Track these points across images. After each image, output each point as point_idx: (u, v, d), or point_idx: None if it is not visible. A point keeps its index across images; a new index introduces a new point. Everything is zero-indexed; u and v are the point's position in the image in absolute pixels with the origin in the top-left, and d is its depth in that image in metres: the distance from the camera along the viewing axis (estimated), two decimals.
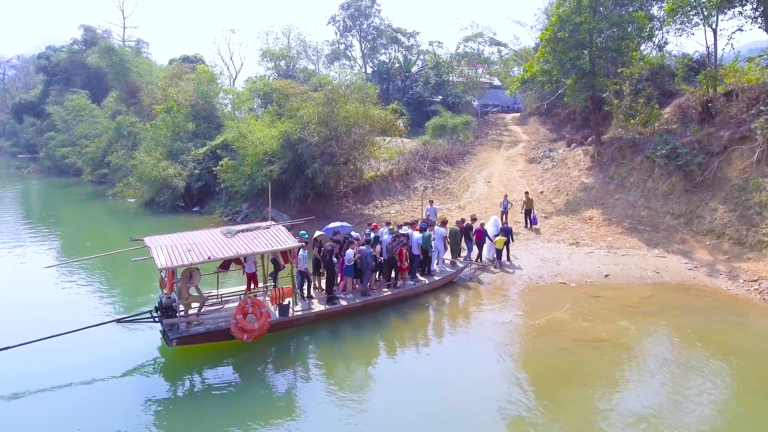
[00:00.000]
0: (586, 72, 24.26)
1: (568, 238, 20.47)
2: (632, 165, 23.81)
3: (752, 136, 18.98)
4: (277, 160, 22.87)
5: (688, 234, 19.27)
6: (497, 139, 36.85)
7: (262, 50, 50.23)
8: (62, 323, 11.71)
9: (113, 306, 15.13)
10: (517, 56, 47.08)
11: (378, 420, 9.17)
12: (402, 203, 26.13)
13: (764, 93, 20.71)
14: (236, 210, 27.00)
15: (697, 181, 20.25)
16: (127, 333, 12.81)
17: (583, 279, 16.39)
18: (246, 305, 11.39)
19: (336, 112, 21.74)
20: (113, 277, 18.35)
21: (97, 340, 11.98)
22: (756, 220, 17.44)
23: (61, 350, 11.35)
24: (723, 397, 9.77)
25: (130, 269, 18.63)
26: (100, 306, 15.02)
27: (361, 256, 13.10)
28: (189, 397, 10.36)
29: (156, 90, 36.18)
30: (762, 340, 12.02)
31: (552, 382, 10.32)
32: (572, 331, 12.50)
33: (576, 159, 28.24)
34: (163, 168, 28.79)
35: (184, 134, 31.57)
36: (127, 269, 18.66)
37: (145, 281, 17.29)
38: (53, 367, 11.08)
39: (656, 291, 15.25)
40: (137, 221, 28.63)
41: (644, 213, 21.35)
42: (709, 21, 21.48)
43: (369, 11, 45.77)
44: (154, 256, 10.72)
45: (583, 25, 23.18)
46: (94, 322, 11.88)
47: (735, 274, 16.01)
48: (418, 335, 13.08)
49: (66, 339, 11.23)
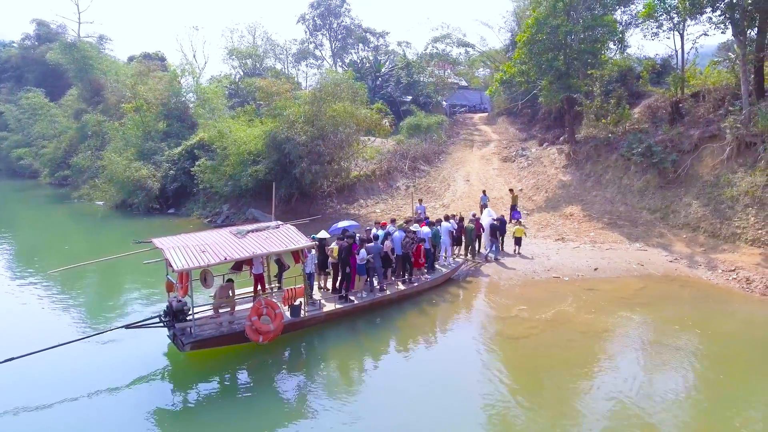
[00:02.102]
0: (562, 73, 25.09)
1: (553, 234, 21.14)
2: (607, 163, 24.82)
3: (722, 135, 20.15)
4: (262, 160, 22.49)
5: (665, 228, 20.27)
6: (469, 139, 37.50)
7: (228, 48, 49.18)
8: (64, 332, 11.18)
9: (117, 312, 14.53)
10: (484, 57, 48.06)
11: (398, 418, 9.18)
12: (386, 202, 26.26)
13: (729, 94, 22.06)
14: (216, 211, 26.37)
15: (670, 177, 21.34)
16: (133, 339, 12.32)
17: (574, 273, 16.97)
18: (260, 306, 11.20)
19: (324, 110, 21.58)
20: (111, 282, 17.71)
21: (102, 347, 11.52)
22: (729, 214, 18.55)
23: (67, 360, 10.85)
24: (736, 381, 10.34)
25: (128, 273, 18.05)
26: (103, 313, 14.48)
27: (372, 253, 13.15)
28: (202, 404, 10.03)
29: (122, 88, 34.75)
30: (751, 327, 12.88)
31: (568, 373, 10.66)
32: (578, 323, 12.96)
33: (551, 157, 29.15)
34: (135, 169, 27.75)
35: (155, 134, 30.52)
36: (125, 273, 18.06)
37: (146, 285, 16.81)
38: (61, 377, 10.58)
39: (646, 283, 15.99)
40: (109, 225, 27.48)
41: (622, 209, 22.30)
42: (678, 27, 22.64)
43: (339, 10, 45.62)
44: (169, 257, 10.38)
45: (560, 27, 23.96)
46: (100, 329, 11.38)
47: (713, 265, 16.96)
48: (429, 332, 13.24)
49: (70, 348, 10.72)
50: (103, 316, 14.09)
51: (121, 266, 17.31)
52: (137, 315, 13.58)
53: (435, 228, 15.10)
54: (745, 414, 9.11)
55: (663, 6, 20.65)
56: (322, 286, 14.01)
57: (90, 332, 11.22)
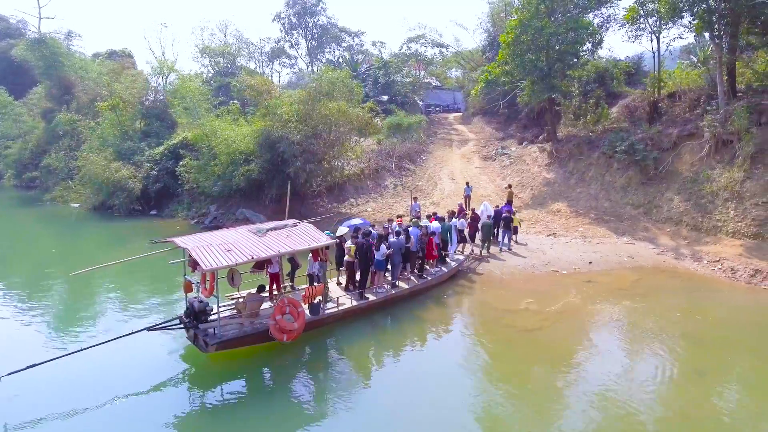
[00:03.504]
0: (545, 74, 25.84)
1: (544, 229, 21.79)
2: (590, 160, 25.73)
3: (700, 133, 21.26)
4: (254, 160, 22.23)
5: (649, 222, 21.22)
6: (447, 138, 38.07)
7: (200, 46, 48.23)
8: (82, 337, 10.86)
9: (134, 315, 14.13)
10: (458, 57, 48.83)
11: (421, 415, 9.35)
12: (376, 201, 26.40)
13: (704, 95, 23.30)
14: (202, 212, 25.87)
15: (651, 174, 22.35)
16: (146, 342, 12.04)
17: (571, 267, 17.59)
18: (284, 305, 11.17)
19: (317, 109, 21.52)
20: (122, 284, 17.16)
21: (120, 351, 11.20)
22: (709, 208, 19.59)
23: (87, 365, 10.56)
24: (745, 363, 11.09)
25: (137, 275, 17.60)
26: (119, 316, 14.09)
27: (393, 249, 13.32)
28: (227, 406, 9.89)
29: (95, 86, 33.50)
30: (745, 313, 13.75)
31: (591, 361, 11.12)
32: (587, 314, 13.52)
33: (533, 156, 29.94)
34: (115, 169, 26.89)
35: (133, 133, 29.64)
36: (134, 275, 17.59)
37: (156, 286, 16.63)
38: (82, 383, 10.29)
39: (639, 275, 16.74)
40: (87, 227, 26.53)
41: (606, 204, 23.19)
42: (655, 30, 23.74)
43: (315, 9, 45.39)
44: (197, 257, 10.21)
45: (544, 29, 24.67)
46: (120, 333, 11.08)
47: (698, 257, 17.91)
48: (446, 326, 13.52)
49: (90, 353, 10.44)
50: (119, 319, 13.71)
51: (131, 267, 16.84)
52: (154, 317, 13.34)
53: (445, 223, 15.46)
54: None
55: (645, 10, 21.58)
56: (341, 282, 14.07)
57: (109, 336, 10.89)
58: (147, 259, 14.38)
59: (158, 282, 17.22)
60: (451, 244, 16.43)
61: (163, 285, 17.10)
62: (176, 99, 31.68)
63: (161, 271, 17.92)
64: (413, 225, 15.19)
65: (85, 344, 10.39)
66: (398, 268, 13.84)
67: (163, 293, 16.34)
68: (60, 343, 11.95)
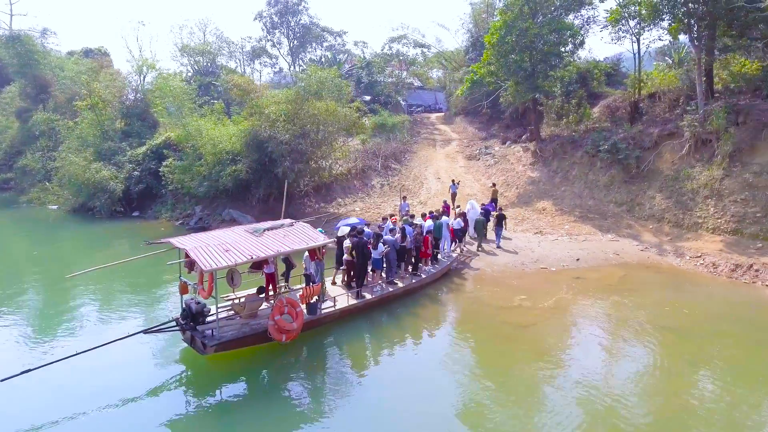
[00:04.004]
0: (529, 74, 26.21)
1: (530, 227, 22.11)
2: (573, 159, 26.21)
3: (680, 133, 21.85)
4: (241, 159, 22.01)
5: (632, 220, 21.73)
6: (430, 138, 38.27)
7: (180, 45, 47.43)
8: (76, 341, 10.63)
9: (128, 318, 13.87)
10: (440, 57, 49.14)
11: (422, 411, 9.43)
12: (363, 201, 26.41)
13: (683, 95, 23.96)
14: (187, 213, 25.51)
15: (633, 173, 22.88)
16: (142, 345, 11.85)
17: (559, 264, 17.91)
18: (282, 305, 11.12)
19: (305, 109, 21.43)
20: (111, 287, 16.80)
21: (115, 354, 11.00)
22: (690, 205, 20.16)
23: (83, 369, 10.34)
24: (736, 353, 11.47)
25: (127, 277, 17.24)
26: (112, 319, 13.86)
27: (389, 247, 13.37)
28: (226, 408, 9.72)
29: (72, 85, 32.66)
30: (728, 306, 14.20)
31: (585, 355, 11.35)
32: (579, 309, 13.82)
33: (517, 155, 30.35)
34: (96, 170, 26.30)
35: (113, 133, 29.03)
36: (124, 277, 17.24)
37: (146, 288, 16.38)
38: (78, 388, 10.08)
39: (626, 271, 17.14)
40: (67, 230, 25.88)
41: (590, 203, 23.66)
42: (636, 32, 24.31)
43: (297, 8, 45.11)
44: (196, 257, 10.08)
45: (528, 30, 25.03)
46: (115, 336, 10.87)
47: (681, 252, 18.42)
48: (442, 323, 13.68)
49: (84, 357, 10.21)
50: (112, 323, 13.46)
51: (119, 270, 16.49)
52: (149, 320, 13.15)
53: (438, 222, 15.59)
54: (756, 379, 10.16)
55: (627, 12, 22.09)
56: (344, 280, 14.08)
57: (104, 340, 10.66)
58: (134, 261, 14.10)
59: (147, 284, 16.95)
60: (442, 242, 16.57)
61: (152, 287, 16.87)
62: (157, 98, 31.16)
63: (148, 273, 17.67)
64: (405, 223, 15.27)
65: (79, 348, 10.14)
66: (394, 266, 13.92)
67: (153, 295, 16.12)
68: (54, 348, 11.67)
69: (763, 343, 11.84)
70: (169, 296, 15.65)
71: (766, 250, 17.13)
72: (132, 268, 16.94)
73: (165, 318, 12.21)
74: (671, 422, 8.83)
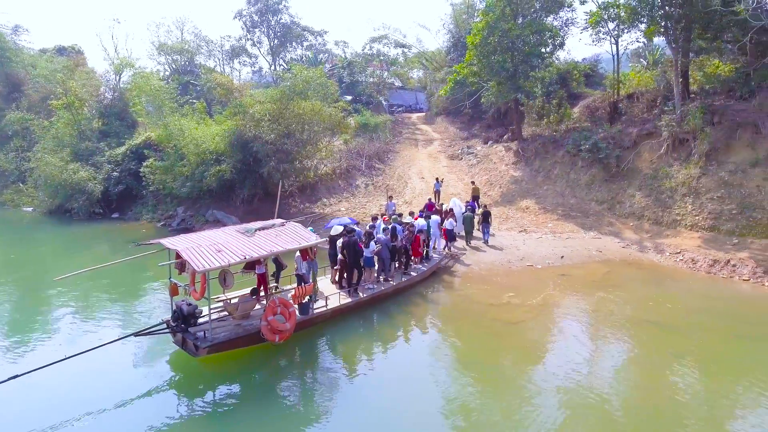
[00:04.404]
0: (511, 74, 26.55)
1: (515, 226, 22.40)
2: (555, 159, 26.65)
3: (658, 132, 22.41)
4: (225, 160, 21.76)
5: (613, 217, 22.20)
6: (412, 138, 38.45)
7: (157, 44, 46.62)
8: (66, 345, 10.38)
9: (115, 321, 13.62)
10: (421, 57, 49.41)
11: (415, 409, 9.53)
12: (348, 201, 26.38)
13: (660, 96, 24.58)
14: (169, 214, 25.09)
15: (614, 171, 23.38)
16: (133, 347, 11.65)
17: (544, 261, 18.19)
18: (275, 306, 11.06)
19: (290, 108, 21.29)
20: (95, 290, 16.41)
21: (104, 358, 10.79)
22: (669, 203, 20.70)
23: (72, 374, 10.12)
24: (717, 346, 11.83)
25: (113, 280, 16.88)
26: (98, 323, 13.55)
27: (381, 245, 13.41)
28: (219, 412, 9.63)
29: (47, 83, 31.76)
30: (708, 300, 14.63)
31: (575, 350, 11.57)
32: (567, 306, 14.08)
33: (499, 155, 30.70)
34: (73, 171, 25.67)
35: (91, 133, 28.37)
36: (110, 280, 16.85)
37: (132, 291, 16.05)
38: (67, 394, 9.84)
39: (609, 267, 17.52)
40: (45, 233, 25.22)
41: (572, 201, 24.08)
42: (617, 35, 24.88)
43: (277, 7, 44.75)
44: (188, 258, 9.95)
45: (511, 31, 25.36)
46: (102, 340, 10.66)
47: (661, 249, 18.90)
48: (433, 321, 13.75)
49: (73, 361, 10.00)
50: (100, 327, 13.17)
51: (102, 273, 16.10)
52: (137, 323, 12.93)
53: (428, 220, 15.73)
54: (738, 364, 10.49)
55: (607, 14, 22.58)
56: (334, 280, 14.05)
57: (93, 344, 10.45)
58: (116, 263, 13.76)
59: (131, 287, 16.68)
60: (432, 239, 16.72)
61: (137, 290, 16.60)
62: (136, 97, 30.56)
63: (131, 275, 17.38)
64: (395, 222, 15.34)
65: (68, 353, 9.92)
66: (388, 264, 13.98)
67: (139, 298, 15.87)
68: (41, 353, 11.38)
69: (744, 336, 12.25)
70: (157, 298, 15.42)
71: (742, 245, 17.70)
72: (115, 271, 16.56)
73: (154, 321, 12.03)
74: (663, 412, 9.08)
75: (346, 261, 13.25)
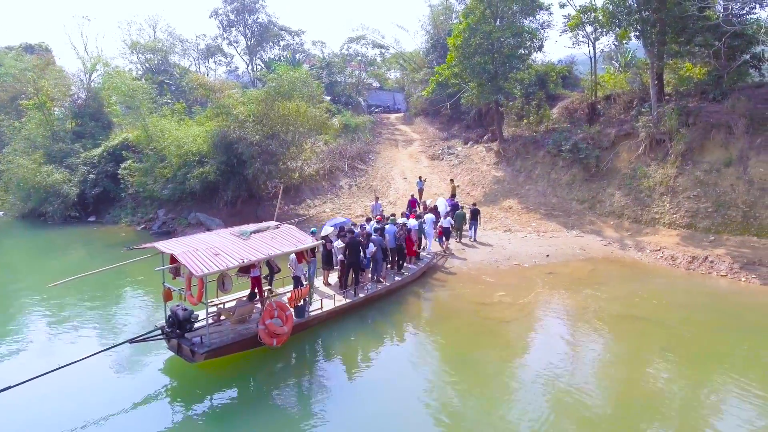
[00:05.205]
0: (492, 75, 26.88)
1: (499, 225, 22.72)
2: (536, 159, 27.12)
3: (635, 133, 23.05)
4: (208, 161, 21.41)
5: (594, 216, 22.73)
6: (392, 138, 38.51)
7: (129, 42, 45.56)
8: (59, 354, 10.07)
9: (105, 329, 13.24)
10: (399, 57, 49.53)
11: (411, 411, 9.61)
12: (333, 202, 26.28)
13: (636, 98, 25.27)
14: (150, 217, 24.54)
15: (593, 171, 23.94)
16: (125, 354, 11.37)
17: (531, 260, 18.51)
18: (272, 309, 10.97)
19: (275, 109, 21.07)
20: (81, 297, 15.87)
21: (98, 366, 10.52)
22: (647, 202, 21.32)
23: (66, 383, 9.82)
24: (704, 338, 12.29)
25: (96, 286, 16.35)
26: (92, 330, 13.27)
27: (377, 247, 13.44)
28: (217, 419, 9.49)
29: (15, 82, 30.64)
30: (691, 295, 15.14)
31: (569, 346, 11.85)
32: (556, 303, 14.39)
33: (480, 155, 31.06)
34: (47, 173, 24.85)
35: (64, 134, 27.52)
36: (93, 287, 16.29)
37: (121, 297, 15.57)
38: (63, 403, 9.54)
39: (594, 265, 17.95)
40: (17, 237, 24.41)
41: (554, 200, 24.56)
42: (595, 38, 25.47)
43: (254, 6, 44.25)
44: (185, 262, 9.76)
45: (492, 33, 25.68)
46: (97, 348, 10.38)
47: (641, 247, 19.45)
48: (427, 321, 13.86)
49: (67, 371, 9.71)
50: (91, 334, 12.85)
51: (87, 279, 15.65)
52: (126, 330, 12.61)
53: (420, 220, 15.84)
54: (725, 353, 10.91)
55: (586, 18, 23.10)
56: (330, 283, 13.97)
57: (87, 352, 10.16)
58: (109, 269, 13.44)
59: (112, 293, 16.25)
60: (425, 238, 16.89)
61: (124, 296, 16.22)
62: (110, 98, 29.80)
63: (117, 281, 16.95)
64: (391, 222, 15.39)
65: (58, 363, 9.62)
66: (380, 265, 14.01)
67: (128, 304, 15.52)
68: (30, 364, 10.94)
69: (728, 329, 12.75)
70: (140, 304, 15.12)
71: (718, 242, 18.37)
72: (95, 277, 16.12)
73: (135, 327, 11.79)
74: (659, 401, 9.37)
75: (345, 262, 13.22)
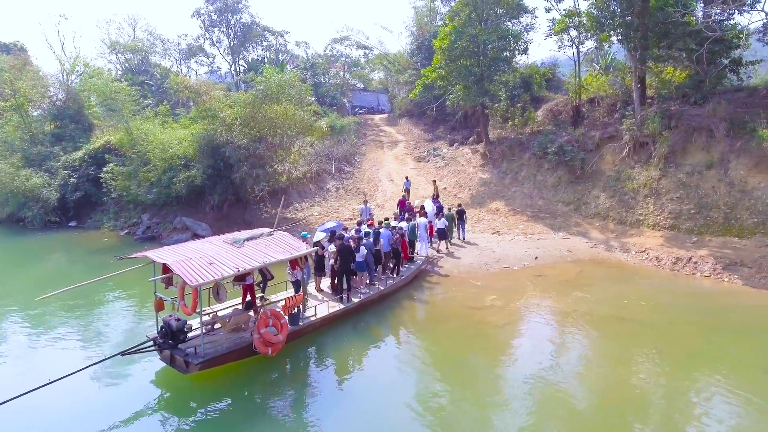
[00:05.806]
0: (478, 78, 27.05)
1: (487, 228, 22.89)
2: (521, 161, 27.38)
3: (619, 136, 23.42)
4: (194, 165, 21.10)
5: (580, 218, 23.04)
6: (377, 140, 38.52)
7: (108, 42, 44.73)
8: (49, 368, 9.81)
9: (92, 342, 12.93)
10: (383, 59, 49.53)
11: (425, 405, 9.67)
12: (321, 205, 26.16)
13: (619, 101, 25.68)
14: (133, 222, 24.08)
15: (578, 173, 24.27)
16: (114, 369, 11.13)
17: (520, 263, 18.68)
18: (267, 317, 10.87)
19: (263, 112, 20.86)
20: (73, 307, 15.45)
21: (89, 379, 10.28)
22: (631, 204, 21.69)
23: (58, 398, 9.56)
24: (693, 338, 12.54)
25: (75, 296, 15.85)
26: (83, 342, 12.92)
27: (368, 251, 13.42)
28: (219, 428, 9.40)
29: None
30: (677, 296, 15.42)
31: (563, 349, 11.99)
32: (547, 306, 14.53)
33: (466, 157, 31.25)
34: (25, 177, 24.22)
35: (43, 137, 26.85)
36: (77, 297, 15.82)
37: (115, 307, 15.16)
38: (54, 420, 9.33)
39: (581, 267, 18.19)
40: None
41: (540, 202, 24.83)
42: (580, 42, 25.84)
43: (237, 6, 43.77)
44: (179, 272, 9.59)
45: (479, 36, 25.84)
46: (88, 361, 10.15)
47: (626, 248, 19.77)
48: (421, 326, 13.91)
49: (58, 385, 9.47)
50: (81, 347, 12.54)
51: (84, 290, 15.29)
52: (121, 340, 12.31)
53: (411, 223, 15.87)
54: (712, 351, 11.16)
55: (571, 22, 23.40)
56: (322, 289, 13.89)
57: (79, 366, 9.92)
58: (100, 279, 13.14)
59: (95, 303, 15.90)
60: (419, 241, 16.99)
61: (109, 306, 15.89)
62: (90, 99, 29.17)
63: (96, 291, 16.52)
64: (385, 227, 15.38)
65: (52, 377, 9.38)
66: (372, 269, 14.00)
67: (115, 316, 15.19)
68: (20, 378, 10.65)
69: (714, 330, 13.03)
70: (135, 314, 14.85)
71: (701, 243, 18.76)
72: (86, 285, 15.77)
73: (138, 338, 11.56)
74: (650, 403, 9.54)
75: (334, 267, 13.17)
